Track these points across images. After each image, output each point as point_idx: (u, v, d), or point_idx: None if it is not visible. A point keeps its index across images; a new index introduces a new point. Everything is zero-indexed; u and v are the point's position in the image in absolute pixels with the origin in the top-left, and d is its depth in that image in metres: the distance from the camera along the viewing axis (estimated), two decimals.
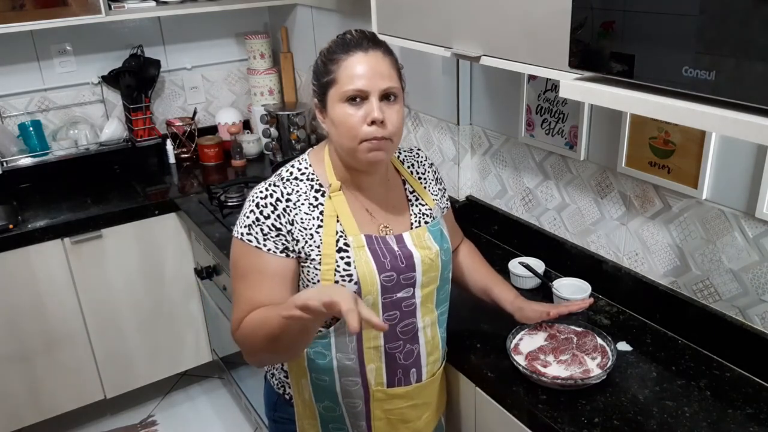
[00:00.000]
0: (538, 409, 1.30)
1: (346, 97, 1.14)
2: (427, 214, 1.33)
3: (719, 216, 1.40)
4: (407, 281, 1.25)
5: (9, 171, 2.55)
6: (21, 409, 2.43)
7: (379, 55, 1.16)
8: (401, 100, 1.19)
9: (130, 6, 2.50)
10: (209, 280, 2.43)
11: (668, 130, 1.45)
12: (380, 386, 1.30)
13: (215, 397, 2.81)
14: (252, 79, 2.93)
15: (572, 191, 1.75)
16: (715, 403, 1.31)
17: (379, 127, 1.14)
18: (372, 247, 1.22)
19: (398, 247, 1.25)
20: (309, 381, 1.29)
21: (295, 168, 1.25)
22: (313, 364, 1.27)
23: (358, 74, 1.13)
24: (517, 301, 1.46)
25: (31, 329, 2.36)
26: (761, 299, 1.37)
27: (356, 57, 1.14)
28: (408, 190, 1.34)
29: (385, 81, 1.15)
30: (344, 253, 1.20)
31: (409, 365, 1.32)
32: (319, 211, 1.21)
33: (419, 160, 1.39)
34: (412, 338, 1.30)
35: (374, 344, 1.26)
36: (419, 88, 2.17)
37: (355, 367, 1.27)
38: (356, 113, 1.14)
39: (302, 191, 1.22)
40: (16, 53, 2.57)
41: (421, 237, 1.28)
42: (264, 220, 1.18)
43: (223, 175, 2.76)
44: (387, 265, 1.22)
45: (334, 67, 1.15)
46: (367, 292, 1.20)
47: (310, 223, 1.20)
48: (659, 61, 0.90)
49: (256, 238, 1.19)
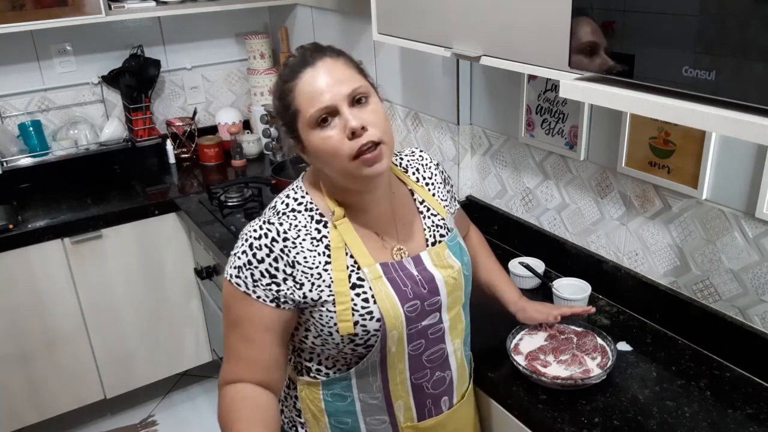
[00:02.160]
0: (538, 409, 1.30)
1: (316, 121, 1.03)
2: (441, 225, 1.21)
3: (719, 216, 1.40)
4: (432, 307, 1.14)
5: (9, 171, 2.55)
6: (21, 409, 2.43)
7: (329, 62, 1.05)
8: (375, 96, 1.07)
9: (130, 6, 2.50)
10: (209, 280, 2.43)
11: (668, 130, 1.45)
12: (410, 421, 1.20)
13: (215, 397, 2.78)
14: (252, 79, 2.94)
15: (572, 191, 1.75)
16: (715, 403, 1.31)
17: (361, 135, 1.02)
18: (390, 275, 1.10)
19: (417, 270, 1.13)
20: (327, 425, 1.18)
21: (291, 198, 1.13)
22: (331, 406, 1.17)
23: (316, 91, 1.02)
24: (520, 302, 1.45)
25: (31, 329, 2.36)
26: (761, 299, 1.37)
27: (306, 75, 1.04)
28: (417, 201, 1.22)
29: (345, 85, 1.03)
30: (359, 289, 1.08)
31: (439, 393, 1.22)
32: (324, 245, 1.08)
33: (424, 163, 1.27)
34: (441, 365, 1.20)
35: (400, 378, 1.15)
36: (419, 88, 2.17)
37: (381, 406, 1.17)
38: (333, 133, 1.02)
39: (301, 225, 1.09)
40: (16, 53, 2.57)
41: (441, 255, 1.17)
42: (257, 264, 1.05)
43: (223, 175, 2.76)
44: (409, 293, 1.10)
45: (291, 97, 1.05)
46: (392, 327, 1.08)
47: (316, 261, 1.07)
48: (659, 61, 0.90)
49: (245, 282, 1.06)
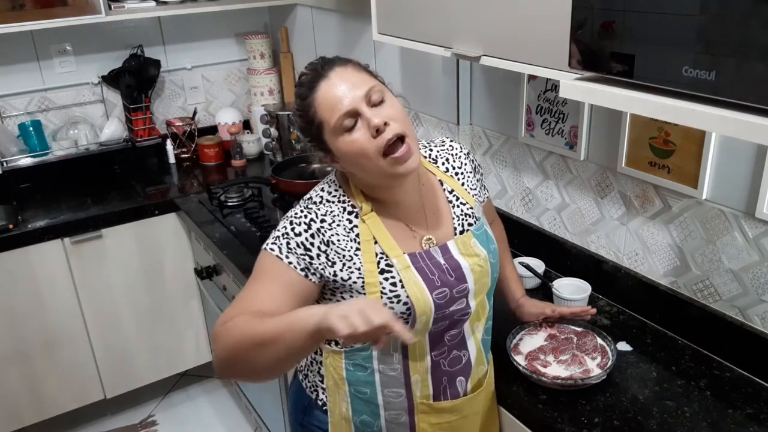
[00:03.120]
0: (538, 409, 1.31)
1: (342, 128, 1.08)
2: (470, 214, 1.25)
3: (719, 216, 1.40)
4: (460, 293, 1.19)
5: (9, 171, 2.55)
6: (21, 409, 2.43)
7: (339, 70, 1.10)
8: (389, 93, 1.13)
9: (130, 6, 2.50)
10: (209, 280, 2.43)
11: (668, 130, 1.45)
12: (426, 399, 1.24)
13: (215, 397, 2.81)
14: (252, 79, 2.93)
15: (572, 191, 1.75)
16: (715, 403, 1.31)
17: (384, 130, 1.07)
18: (418, 265, 1.15)
19: (444, 259, 1.18)
20: (347, 393, 1.23)
21: (325, 192, 1.19)
22: (352, 375, 1.22)
23: (335, 99, 1.08)
24: (521, 299, 1.49)
25: (31, 329, 2.36)
26: (761, 299, 1.37)
27: (323, 87, 1.09)
28: (447, 191, 1.26)
29: (360, 87, 1.08)
30: (387, 274, 1.13)
31: (455, 372, 1.25)
32: (355, 234, 1.15)
33: (454, 153, 1.30)
34: (458, 344, 1.24)
35: (420, 353, 1.20)
36: (419, 88, 2.17)
37: (399, 378, 1.21)
38: (358, 135, 1.08)
39: (335, 213, 1.15)
40: (16, 53, 2.57)
41: (467, 244, 1.21)
42: (294, 236, 1.12)
43: (223, 175, 2.76)
44: (437, 281, 1.16)
45: (312, 111, 1.10)
46: (422, 313, 1.14)
47: (348, 245, 1.13)
48: (659, 61, 0.90)
49: (279, 248, 1.12)
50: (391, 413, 1.24)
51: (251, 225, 2.22)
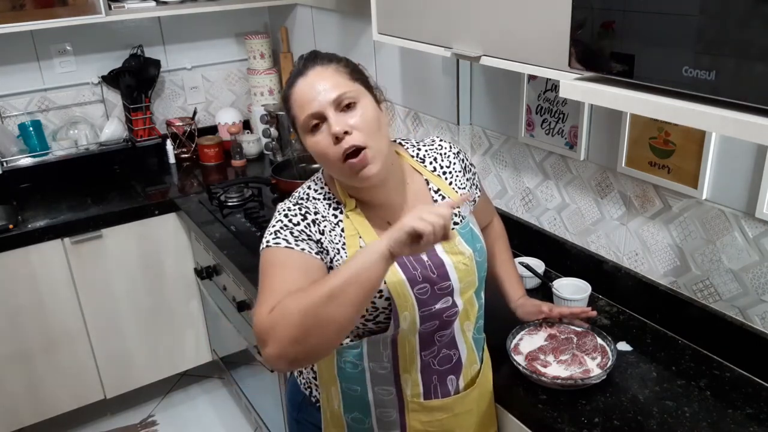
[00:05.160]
0: (538, 409, 1.31)
1: (308, 127, 1.11)
2: (455, 213, 1.26)
3: (719, 216, 1.40)
4: (443, 291, 1.19)
5: (9, 171, 2.55)
6: (21, 409, 2.43)
7: (318, 69, 1.12)
8: (366, 101, 1.13)
9: (130, 6, 2.50)
10: (209, 280, 2.43)
11: (668, 130, 1.45)
12: (416, 397, 1.24)
13: (215, 397, 2.81)
14: (252, 79, 2.93)
15: (572, 191, 1.75)
16: (715, 403, 1.31)
17: (344, 138, 1.08)
18: (400, 260, 1.15)
19: (428, 256, 1.18)
20: (339, 390, 1.24)
21: (312, 189, 1.22)
22: (343, 373, 1.22)
23: (305, 99, 1.10)
24: (521, 300, 1.49)
25: (31, 329, 2.36)
26: (761, 299, 1.37)
27: (299, 84, 1.12)
28: (432, 190, 1.26)
29: (330, 92, 1.09)
30: None
31: (445, 371, 1.25)
32: (341, 228, 1.17)
33: (443, 152, 1.30)
34: (448, 344, 1.24)
35: (410, 352, 1.20)
36: (419, 88, 2.17)
37: (389, 377, 1.21)
38: (321, 138, 1.10)
39: (321, 209, 1.18)
40: (16, 53, 2.57)
41: (451, 242, 1.20)
42: (294, 226, 1.13)
43: (223, 175, 2.76)
44: (418, 276, 1.16)
45: (289, 105, 1.15)
46: (403, 308, 1.13)
47: (336, 239, 1.15)
48: (659, 61, 0.90)
49: (285, 239, 1.11)
50: (381, 411, 1.25)
51: (251, 225, 2.22)
